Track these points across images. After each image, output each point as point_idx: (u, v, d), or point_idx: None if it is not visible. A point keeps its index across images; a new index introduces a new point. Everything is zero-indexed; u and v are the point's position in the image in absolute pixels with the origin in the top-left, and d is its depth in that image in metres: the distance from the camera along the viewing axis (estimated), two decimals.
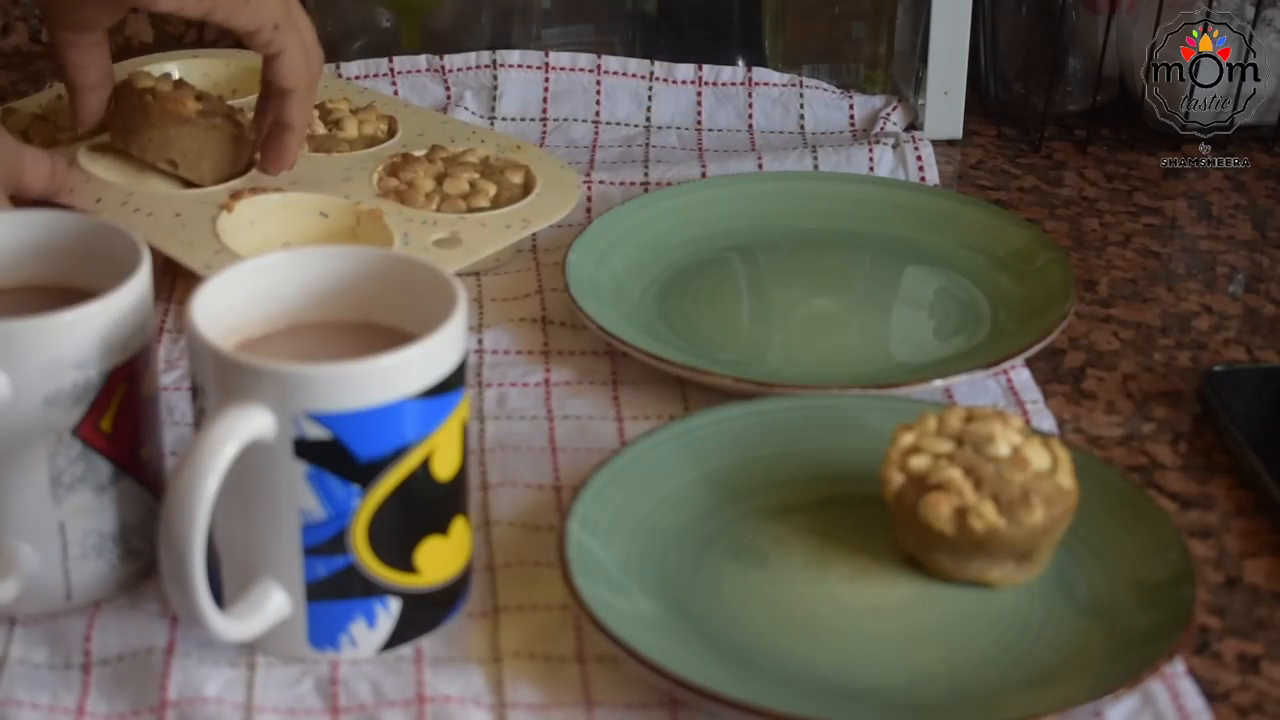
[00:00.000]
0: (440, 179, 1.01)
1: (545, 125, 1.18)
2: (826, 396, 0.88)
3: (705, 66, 1.19)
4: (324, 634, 0.74)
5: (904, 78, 1.21)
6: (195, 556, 0.69)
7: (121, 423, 0.75)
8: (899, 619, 0.77)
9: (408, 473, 0.72)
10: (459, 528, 0.75)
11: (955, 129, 1.20)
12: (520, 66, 1.18)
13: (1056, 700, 0.71)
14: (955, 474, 0.77)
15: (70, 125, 1.03)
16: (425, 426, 0.72)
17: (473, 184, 1.01)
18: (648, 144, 1.17)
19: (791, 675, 0.74)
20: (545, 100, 1.18)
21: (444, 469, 0.73)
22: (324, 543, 0.72)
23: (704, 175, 1.11)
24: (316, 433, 0.70)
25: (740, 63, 1.20)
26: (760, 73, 1.19)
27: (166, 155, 0.99)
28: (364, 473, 0.71)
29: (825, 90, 1.19)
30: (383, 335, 0.75)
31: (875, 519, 0.80)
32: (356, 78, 1.18)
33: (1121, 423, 0.91)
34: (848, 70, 1.23)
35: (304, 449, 0.70)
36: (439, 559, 0.75)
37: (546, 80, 1.18)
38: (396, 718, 0.72)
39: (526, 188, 1.02)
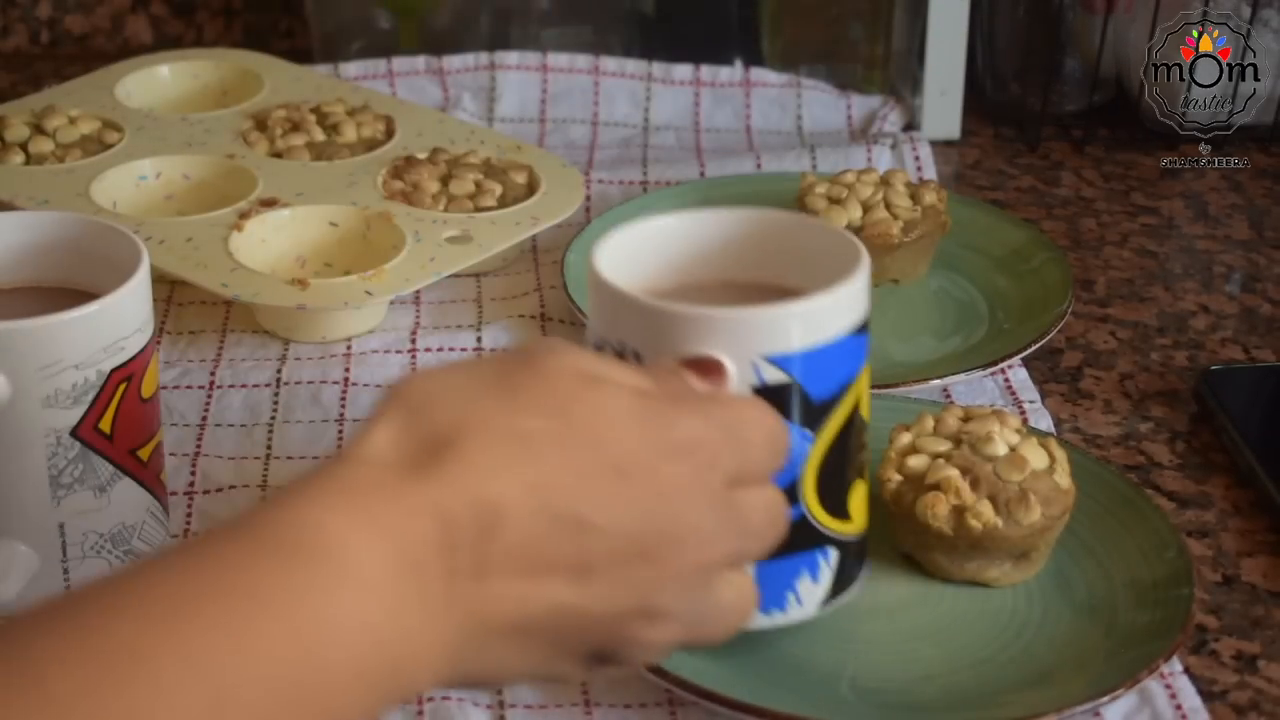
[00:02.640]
0: (445, 180, 1.01)
1: (544, 126, 1.18)
2: None
3: (703, 67, 1.19)
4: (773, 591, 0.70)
5: (901, 78, 1.21)
6: None
7: (121, 423, 0.75)
8: (897, 618, 0.77)
9: (848, 413, 0.69)
10: (866, 474, 0.73)
11: (953, 129, 1.20)
12: (518, 67, 1.18)
13: (1054, 699, 0.71)
14: (953, 473, 0.77)
15: (66, 143, 1.03)
16: (857, 363, 0.69)
17: (478, 184, 1.01)
18: (646, 144, 1.17)
19: (790, 675, 0.74)
20: (543, 101, 1.18)
21: (866, 409, 0.71)
22: None
23: (702, 175, 1.11)
24: (775, 377, 0.67)
25: (738, 63, 1.20)
26: (758, 73, 1.19)
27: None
28: (817, 415, 0.68)
29: (823, 90, 1.19)
30: (769, 293, 0.71)
31: (873, 518, 0.80)
32: (355, 79, 1.18)
33: (1119, 422, 0.91)
34: (845, 70, 1.23)
35: (763, 395, 0.66)
36: (862, 505, 0.72)
37: (545, 81, 1.18)
38: (396, 718, 0.72)
39: (530, 187, 1.02)
